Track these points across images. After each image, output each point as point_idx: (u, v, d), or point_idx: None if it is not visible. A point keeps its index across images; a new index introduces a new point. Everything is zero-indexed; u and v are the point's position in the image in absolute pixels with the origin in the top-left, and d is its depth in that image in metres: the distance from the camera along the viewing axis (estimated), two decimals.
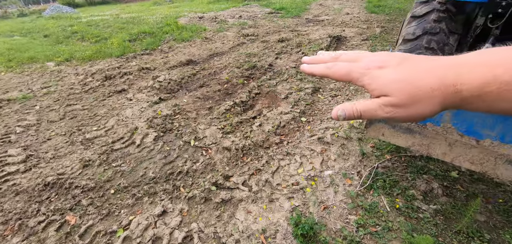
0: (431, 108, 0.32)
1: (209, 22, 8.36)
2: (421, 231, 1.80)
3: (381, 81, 0.35)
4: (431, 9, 2.78)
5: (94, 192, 2.40)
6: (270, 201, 2.14)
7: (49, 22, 8.61)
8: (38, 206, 2.31)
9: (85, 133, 3.26)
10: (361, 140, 2.73)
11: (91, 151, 2.91)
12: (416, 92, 0.32)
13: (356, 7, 11.34)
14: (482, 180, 2.19)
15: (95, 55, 5.63)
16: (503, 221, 1.86)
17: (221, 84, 4.32)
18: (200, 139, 2.99)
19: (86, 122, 3.52)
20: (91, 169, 2.66)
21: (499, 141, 1.62)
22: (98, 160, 2.76)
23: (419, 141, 1.84)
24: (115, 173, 2.59)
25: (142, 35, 6.86)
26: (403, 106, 0.33)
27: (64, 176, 2.57)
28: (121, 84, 4.54)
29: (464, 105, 0.31)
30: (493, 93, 0.28)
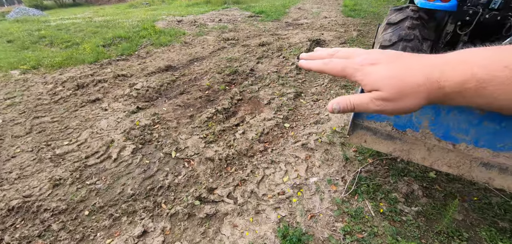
0: (417, 102, 0.36)
1: (188, 26, 8.17)
2: (405, 234, 1.84)
3: (373, 77, 0.38)
4: (405, 16, 2.90)
5: (66, 215, 2.22)
6: (256, 213, 2.09)
7: (14, 26, 7.97)
8: (1, 235, 2.09)
9: (55, 148, 3.02)
10: (344, 144, 2.77)
11: (62, 169, 2.69)
12: (404, 88, 0.35)
13: (333, 10, 11.66)
14: (458, 179, 2.29)
15: (66, 62, 5.29)
16: (479, 218, 1.95)
17: (202, 91, 4.21)
18: (182, 150, 2.88)
19: (56, 136, 3.27)
20: (62, 189, 2.46)
21: (473, 145, 1.69)
22: (70, 178, 2.56)
23: (399, 147, 1.87)
24: (89, 192, 2.42)
25: (117, 40, 6.55)
26: (392, 100, 0.36)
27: (31, 199, 2.36)
28: (95, 93, 4.28)
29: (447, 100, 0.34)
30: (471, 90, 0.31)
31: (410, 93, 0.35)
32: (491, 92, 0.30)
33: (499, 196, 2.09)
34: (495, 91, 0.30)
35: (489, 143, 1.63)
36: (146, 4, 14.57)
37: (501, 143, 1.61)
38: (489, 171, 1.67)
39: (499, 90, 0.29)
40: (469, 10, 2.85)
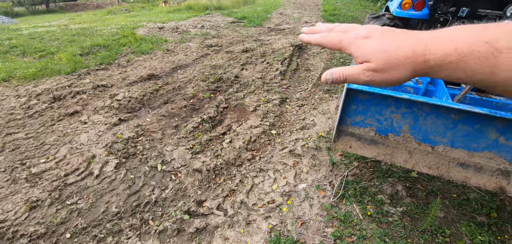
0: (403, 73, 0.38)
1: (170, 33, 8.04)
2: (392, 235, 1.90)
3: (365, 49, 0.40)
4: (382, 23, 3.03)
5: (46, 239, 2.09)
6: (247, 223, 2.08)
7: None
8: None
9: (30, 167, 2.85)
10: (330, 149, 2.83)
11: (39, 189, 2.54)
12: (392, 60, 0.37)
13: (313, 16, 11.94)
14: (438, 178, 2.41)
15: (41, 73, 5.02)
16: (459, 214, 2.06)
17: (187, 99, 4.15)
18: (168, 162, 2.81)
19: (32, 153, 3.09)
20: (41, 211, 2.33)
21: (450, 147, 1.79)
22: (48, 199, 2.42)
23: (383, 151, 1.95)
24: (70, 212, 2.30)
25: (96, 48, 6.31)
26: (381, 71, 0.38)
27: (5, 224, 2.20)
28: (73, 105, 4.09)
29: (431, 73, 0.36)
30: (453, 63, 0.33)
31: (398, 65, 0.37)
32: (470, 66, 0.32)
33: (476, 191, 2.21)
34: (474, 65, 0.31)
35: (464, 144, 1.74)
36: (125, 11, 14.17)
37: (475, 144, 1.72)
38: (466, 170, 1.78)
39: (477, 64, 0.31)
40: (440, 18, 3.03)
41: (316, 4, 16.56)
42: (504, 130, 1.58)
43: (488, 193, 2.19)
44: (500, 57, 0.29)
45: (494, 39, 0.30)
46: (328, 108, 3.63)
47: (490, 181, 1.70)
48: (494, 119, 1.53)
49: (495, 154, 1.67)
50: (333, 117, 3.39)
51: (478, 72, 0.31)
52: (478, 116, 1.57)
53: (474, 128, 1.66)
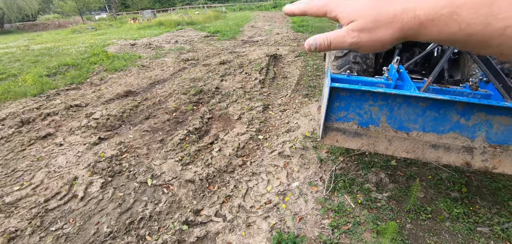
0: (391, 32, 0.35)
1: (143, 49, 7.88)
2: (383, 218, 2.07)
3: (351, 8, 0.38)
4: None
5: None
6: (248, 225, 2.12)
7: None
8: None
9: (3, 196, 2.61)
10: (316, 147, 2.99)
11: (17, 218, 2.35)
12: (380, 17, 0.35)
13: (283, 27, 12.48)
14: (414, 163, 2.67)
15: (3, 97, 4.63)
16: (436, 193, 2.30)
17: (169, 113, 4.11)
18: (158, 176, 2.76)
19: (3, 182, 2.83)
20: (21, 241, 2.15)
21: (422, 131, 2.02)
22: (29, 228, 2.25)
23: (366, 141, 2.13)
24: (56, 239, 2.15)
25: (64, 68, 5.97)
26: (367, 30, 0.36)
27: None
28: (45, 127, 3.83)
29: (421, 31, 0.34)
30: (445, 16, 0.31)
31: (385, 22, 0.35)
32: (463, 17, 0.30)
33: (446, 171, 2.50)
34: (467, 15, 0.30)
35: (433, 128, 1.99)
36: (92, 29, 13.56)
37: (441, 127, 1.97)
38: (437, 151, 2.02)
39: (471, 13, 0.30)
40: None
41: (284, 17, 17.32)
42: (463, 113, 1.84)
43: (457, 171, 2.48)
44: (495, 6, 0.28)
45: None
46: (309, 111, 3.83)
47: (458, 158, 1.95)
48: (454, 103, 1.78)
49: (459, 134, 1.93)
50: (315, 118, 3.58)
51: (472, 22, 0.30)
52: (441, 103, 1.82)
53: (439, 113, 1.91)
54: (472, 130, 1.86)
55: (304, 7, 0.43)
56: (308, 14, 0.43)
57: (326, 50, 0.40)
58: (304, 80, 5.22)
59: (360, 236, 1.94)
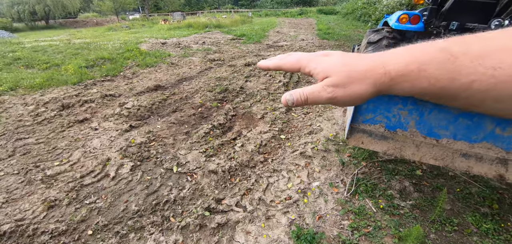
0: (365, 88, 0.37)
1: (172, 48, 8.26)
2: (405, 225, 2.02)
3: (325, 64, 0.39)
4: (382, 36, 3.30)
5: (67, 236, 2.12)
6: (267, 218, 2.17)
7: None
8: None
9: (45, 169, 2.88)
10: (338, 151, 2.97)
11: (56, 190, 2.57)
12: (353, 74, 0.37)
13: (309, 34, 12.47)
14: (441, 175, 2.57)
15: (47, 83, 5.08)
16: (464, 206, 2.20)
17: (195, 108, 4.28)
18: (183, 164, 2.89)
19: (44, 157, 3.12)
20: (59, 210, 2.35)
21: (453, 139, 1.96)
22: (66, 199, 2.46)
23: (392, 145, 2.10)
24: (90, 211, 2.33)
25: (100, 61, 6.43)
26: (342, 85, 0.37)
27: (24, 222, 2.22)
28: (82, 113, 4.16)
29: (394, 86, 0.35)
30: (414, 72, 0.33)
31: (358, 78, 0.36)
32: (431, 72, 0.32)
33: (477, 186, 2.38)
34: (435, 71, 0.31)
35: (465, 136, 1.92)
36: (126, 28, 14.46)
37: (474, 135, 1.90)
38: (468, 160, 1.95)
39: (437, 69, 0.31)
40: (434, 31, 3.33)
41: (310, 24, 17.31)
42: (499, 122, 1.76)
43: (488, 187, 2.35)
44: (458, 62, 0.30)
45: (448, 46, 0.32)
46: (332, 115, 3.82)
47: (490, 169, 1.86)
48: None
49: (492, 144, 1.85)
50: (338, 122, 3.56)
51: (439, 78, 0.31)
52: None
53: (472, 121, 1.85)
54: (507, 141, 1.78)
55: (278, 63, 0.45)
56: (282, 69, 0.45)
57: (302, 105, 0.41)
58: None
59: (381, 240, 1.92)
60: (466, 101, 0.32)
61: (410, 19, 3.22)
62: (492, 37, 0.29)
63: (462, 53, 0.30)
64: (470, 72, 0.29)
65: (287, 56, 0.44)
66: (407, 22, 3.27)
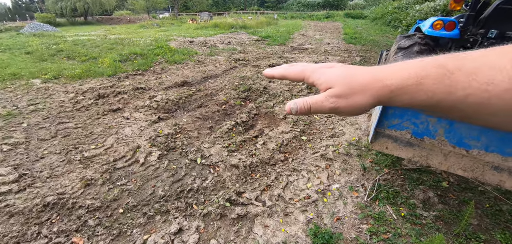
0: (366, 99, 0.38)
1: (199, 47, 8.56)
2: (427, 235, 1.97)
3: (328, 76, 0.41)
4: (413, 42, 3.21)
5: (101, 212, 2.32)
6: (285, 214, 2.22)
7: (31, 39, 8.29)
8: (38, 229, 2.18)
9: (82, 151, 3.15)
10: (360, 156, 2.95)
11: (92, 170, 2.81)
12: (354, 85, 0.38)
13: (335, 38, 12.27)
14: (469, 188, 2.46)
15: (85, 74, 5.51)
16: (492, 223, 2.10)
17: (219, 105, 4.42)
18: (206, 157, 3.03)
19: (82, 140, 3.41)
20: (94, 189, 2.57)
21: (485, 151, 1.89)
22: (100, 179, 2.68)
23: (418, 152, 2.06)
24: (121, 192, 2.53)
25: (133, 56, 6.85)
26: (344, 96, 0.39)
27: (65, 196, 2.46)
28: (116, 103, 4.47)
29: (394, 98, 0.37)
30: (413, 85, 0.34)
31: (359, 90, 0.38)
32: (429, 86, 0.33)
33: (509, 204, 2.25)
34: (432, 85, 0.33)
35: (498, 148, 1.84)
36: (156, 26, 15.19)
37: (509, 148, 1.82)
38: (500, 173, 1.86)
39: (435, 84, 0.33)
40: (470, 38, 3.18)
41: (336, 28, 17.01)
42: None
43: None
44: (453, 77, 0.32)
45: (444, 63, 0.33)
46: (355, 120, 3.77)
47: None
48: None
49: None
50: (362, 127, 3.52)
51: (437, 92, 0.33)
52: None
53: (507, 133, 1.77)
54: None
55: (283, 72, 0.46)
56: (287, 78, 0.46)
57: (305, 114, 0.43)
58: None
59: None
60: (462, 114, 0.34)
61: (445, 26, 3.10)
62: (483, 54, 0.32)
63: (457, 69, 0.32)
64: (465, 86, 0.31)
65: (292, 66, 0.46)
66: (441, 29, 3.15)
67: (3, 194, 2.52)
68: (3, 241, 2.08)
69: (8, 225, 2.21)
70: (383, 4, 23.36)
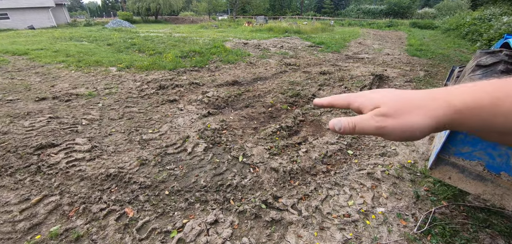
0: (421, 119, 0.33)
1: (252, 49, 8.81)
2: None
3: (375, 96, 0.38)
4: (499, 59, 2.73)
5: (150, 190, 2.56)
6: (321, 229, 2.12)
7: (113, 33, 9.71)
8: (100, 194, 2.52)
9: (141, 134, 3.54)
10: (414, 181, 2.64)
11: (147, 152, 3.13)
12: (407, 103, 0.34)
13: (396, 49, 11.27)
14: None
15: (151, 66, 6.18)
16: None
17: (266, 107, 4.48)
18: (248, 156, 3.09)
19: (142, 124, 3.83)
20: (147, 168, 2.86)
21: None
22: (153, 161, 2.97)
23: (491, 190, 1.75)
24: (169, 175, 2.76)
25: (192, 53, 7.42)
26: (393, 115, 0.34)
27: (123, 171, 2.79)
28: (173, 94, 4.90)
29: (459, 120, 0.31)
30: (487, 106, 0.29)
31: (413, 108, 0.33)
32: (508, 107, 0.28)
33: None
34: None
35: None
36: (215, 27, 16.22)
37: None
38: None
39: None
40: None
41: (399, 37, 15.60)
42: None
43: None
44: None
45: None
46: (412, 141, 3.40)
47: None
48: None
49: None
50: (419, 150, 3.15)
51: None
52: None
53: None
54: None
55: (331, 101, 0.45)
56: (334, 107, 0.45)
57: (350, 133, 0.40)
58: None
59: None
60: None
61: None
62: None
63: None
64: None
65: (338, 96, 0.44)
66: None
67: (78, 160, 2.99)
68: (73, 199, 2.47)
69: (78, 187, 2.61)
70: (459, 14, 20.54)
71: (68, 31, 14.10)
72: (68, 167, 2.87)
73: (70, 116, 4.00)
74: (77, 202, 2.44)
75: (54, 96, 4.72)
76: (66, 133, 3.52)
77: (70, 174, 2.78)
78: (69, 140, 3.33)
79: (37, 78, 5.63)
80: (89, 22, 15.43)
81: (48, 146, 3.18)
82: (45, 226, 2.15)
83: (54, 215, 2.26)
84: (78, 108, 4.30)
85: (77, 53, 7.01)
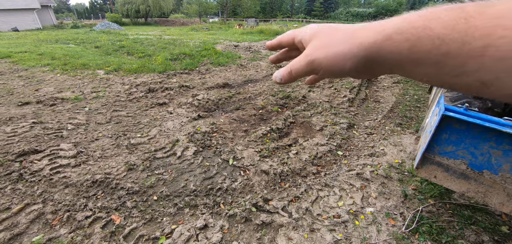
0: (349, 47, 0.32)
1: (243, 51, 8.81)
2: None
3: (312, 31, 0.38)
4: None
5: (138, 196, 2.51)
6: (311, 230, 2.12)
7: (100, 36, 9.51)
8: (85, 201, 2.44)
9: (130, 138, 3.46)
10: (402, 181, 2.68)
11: (135, 156, 3.07)
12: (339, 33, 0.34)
13: None
14: None
15: (140, 69, 6.08)
16: None
17: (256, 109, 4.47)
18: (238, 159, 3.07)
19: (130, 128, 3.75)
20: (135, 173, 2.80)
21: None
22: (141, 166, 2.91)
23: (474, 187, 1.80)
24: (157, 180, 2.71)
25: (182, 56, 7.35)
26: (324, 46, 0.34)
27: (110, 176, 2.72)
28: (163, 97, 4.83)
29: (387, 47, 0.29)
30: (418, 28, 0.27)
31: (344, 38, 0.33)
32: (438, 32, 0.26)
33: None
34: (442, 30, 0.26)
35: None
36: (205, 29, 16.14)
37: None
38: None
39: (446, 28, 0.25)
40: None
41: None
42: None
43: None
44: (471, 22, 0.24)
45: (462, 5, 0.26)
46: (400, 141, 3.46)
47: None
48: None
49: None
50: (407, 150, 3.21)
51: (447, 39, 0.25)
52: None
53: None
54: None
55: (279, 39, 0.46)
56: (281, 44, 0.46)
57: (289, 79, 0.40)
58: (400, 108, 4.71)
59: None
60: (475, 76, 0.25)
61: None
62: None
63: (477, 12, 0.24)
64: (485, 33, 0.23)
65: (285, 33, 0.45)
66: None
67: (63, 167, 2.90)
68: (57, 207, 2.38)
69: (63, 194, 2.52)
70: None
71: (54, 33, 13.76)
72: (52, 174, 2.78)
73: (55, 121, 3.88)
74: (61, 210, 2.35)
75: (38, 101, 4.57)
76: (51, 139, 3.41)
77: (54, 181, 2.68)
78: (53, 146, 3.23)
79: (21, 82, 5.45)
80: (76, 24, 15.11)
81: (31, 152, 3.07)
82: (27, 236, 2.07)
83: (37, 224, 2.18)
84: (63, 113, 4.18)
85: (63, 56, 6.83)
